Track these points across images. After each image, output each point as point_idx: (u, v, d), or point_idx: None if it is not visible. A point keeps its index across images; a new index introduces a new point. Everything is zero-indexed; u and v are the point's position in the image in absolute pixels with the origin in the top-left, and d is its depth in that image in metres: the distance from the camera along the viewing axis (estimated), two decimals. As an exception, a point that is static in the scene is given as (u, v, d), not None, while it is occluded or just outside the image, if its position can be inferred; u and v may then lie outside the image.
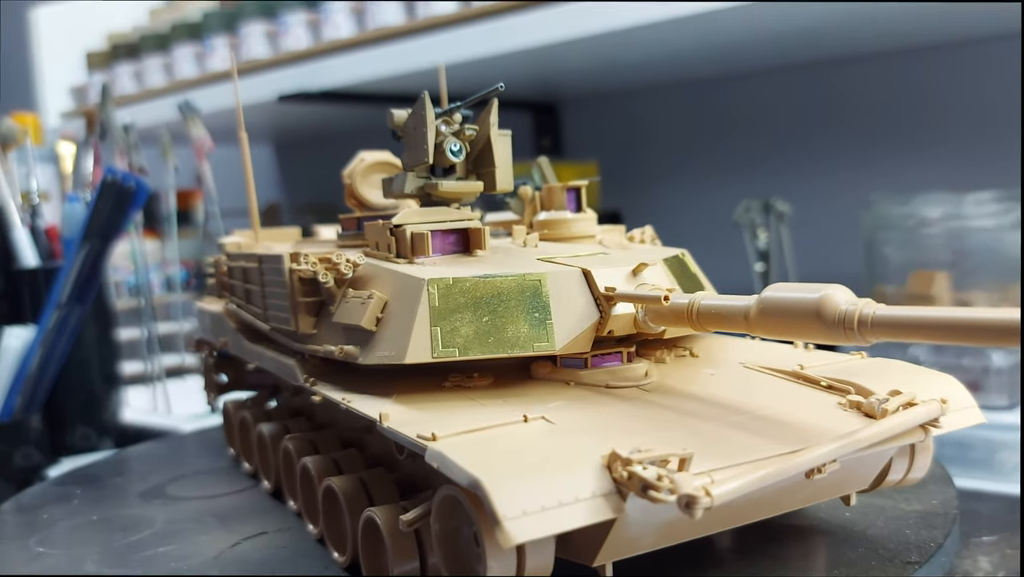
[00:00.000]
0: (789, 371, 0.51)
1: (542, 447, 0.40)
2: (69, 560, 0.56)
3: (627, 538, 0.40)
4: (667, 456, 0.37)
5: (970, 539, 0.66)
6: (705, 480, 0.36)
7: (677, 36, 1.06)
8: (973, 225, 0.96)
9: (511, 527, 0.35)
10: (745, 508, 0.44)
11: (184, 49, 1.55)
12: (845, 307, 0.39)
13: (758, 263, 1.15)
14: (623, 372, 0.50)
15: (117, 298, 1.27)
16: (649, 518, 0.39)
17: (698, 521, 0.37)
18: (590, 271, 0.49)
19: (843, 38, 1.16)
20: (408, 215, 0.54)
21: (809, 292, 0.40)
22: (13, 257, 0.96)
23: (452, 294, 0.48)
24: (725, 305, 0.44)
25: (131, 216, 0.93)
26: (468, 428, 0.42)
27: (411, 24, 1.19)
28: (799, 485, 0.43)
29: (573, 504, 0.36)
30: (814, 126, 1.38)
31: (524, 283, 0.49)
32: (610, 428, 0.43)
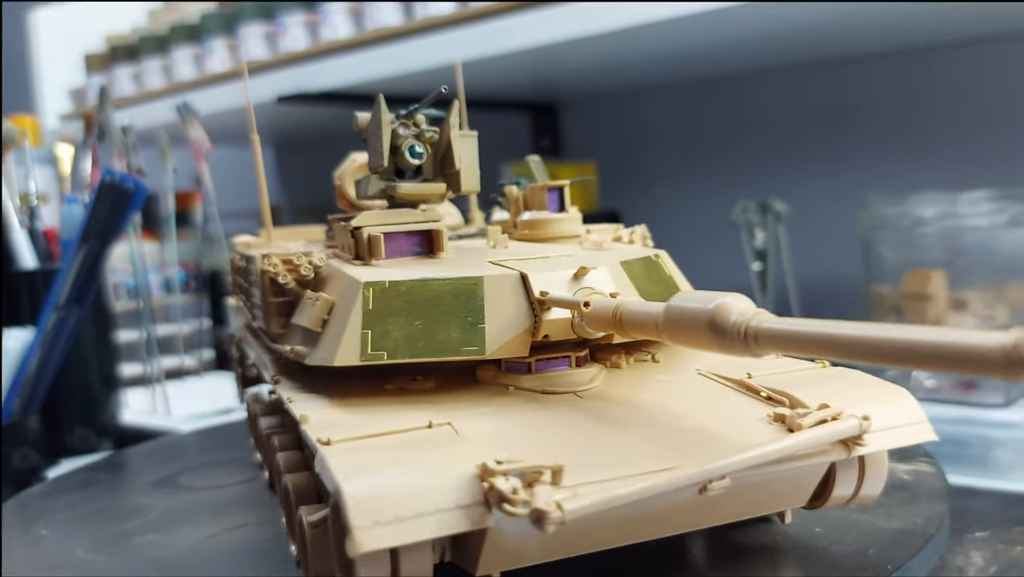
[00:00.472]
0: (736, 380, 0.48)
1: (426, 456, 0.39)
2: (64, 543, 0.58)
3: (509, 549, 0.40)
4: (540, 468, 0.37)
5: (963, 535, 0.66)
6: (566, 494, 0.35)
7: (675, 36, 1.06)
8: (968, 224, 0.96)
9: (359, 536, 0.35)
10: (639, 523, 0.42)
11: (182, 51, 1.56)
12: (735, 319, 0.36)
13: (755, 262, 1.15)
14: (565, 377, 0.49)
15: (116, 300, 1.28)
16: (531, 529, 0.37)
17: (589, 535, 0.39)
18: (527, 275, 0.48)
19: (839, 40, 1.16)
20: (367, 217, 0.54)
21: (706, 302, 0.38)
22: (11, 259, 0.96)
23: (387, 297, 0.48)
24: (641, 312, 0.42)
25: (129, 217, 0.93)
26: (366, 433, 0.42)
27: (409, 25, 1.20)
28: (703, 501, 0.40)
29: (432, 515, 0.36)
30: (811, 127, 1.38)
31: (459, 287, 0.48)
32: (515, 437, 0.42)
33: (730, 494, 0.41)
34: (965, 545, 0.65)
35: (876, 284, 1.04)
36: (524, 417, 0.45)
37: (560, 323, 0.47)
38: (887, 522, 0.51)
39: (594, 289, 0.48)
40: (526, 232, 0.61)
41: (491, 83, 1.36)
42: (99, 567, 0.54)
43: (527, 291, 0.48)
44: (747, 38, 1.11)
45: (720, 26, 1.01)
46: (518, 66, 1.20)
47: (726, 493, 0.40)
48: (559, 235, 0.60)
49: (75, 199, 1.01)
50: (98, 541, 0.58)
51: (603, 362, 0.52)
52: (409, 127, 0.56)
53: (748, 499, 0.45)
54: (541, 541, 0.40)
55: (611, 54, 1.16)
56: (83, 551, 0.57)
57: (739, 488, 0.41)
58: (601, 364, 0.52)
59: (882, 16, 0.99)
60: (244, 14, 1.42)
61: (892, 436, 0.44)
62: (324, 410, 0.47)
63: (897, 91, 1.29)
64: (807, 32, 1.09)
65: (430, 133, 0.56)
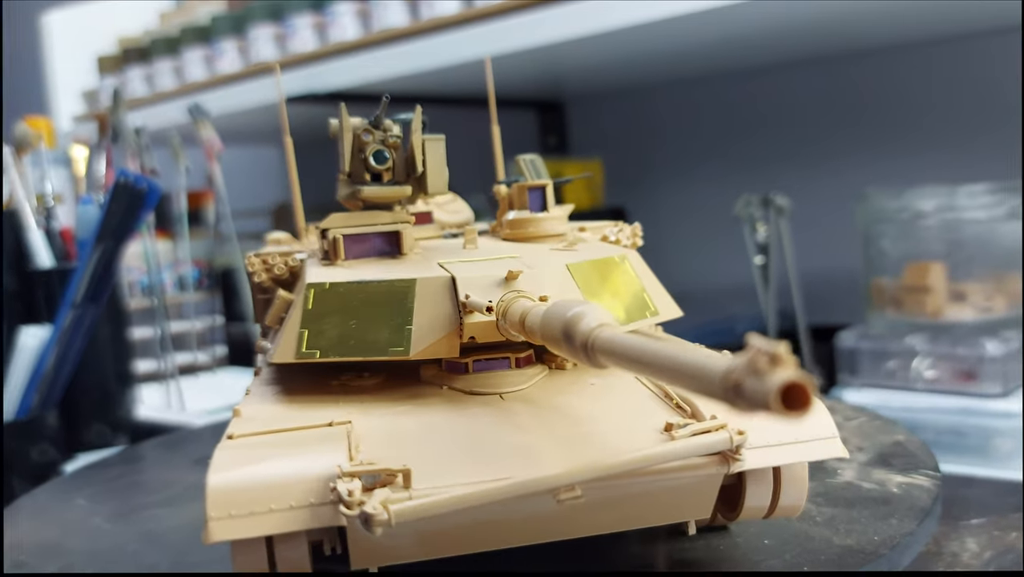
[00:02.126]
0: (657, 384, 0.47)
1: (302, 454, 0.41)
2: (89, 512, 0.62)
3: (376, 546, 0.41)
4: (390, 471, 0.38)
5: (959, 522, 0.68)
6: (404, 498, 0.37)
7: (679, 34, 1.07)
8: (967, 217, 0.97)
9: (211, 526, 0.38)
10: (507, 528, 0.42)
11: (193, 52, 1.58)
12: (583, 328, 0.35)
13: (758, 256, 1.17)
14: (499, 378, 0.49)
15: (130, 298, 1.30)
16: (401, 528, 0.38)
17: (456, 537, 0.41)
18: (456, 277, 0.48)
19: (840, 36, 1.17)
20: (334, 219, 0.55)
21: (566, 309, 0.37)
22: (29, 258, 0.98)
23: (326, 298, 0.49)
24: (533, 317, 0.42)
25: (143, 217, 0.95)
26: (269, 429, 0.43)
27: (416, 25, 1.21)
28: (573, 510, 0.40)
29: (285, 512, 0.38)
30: (812, 123, 1.39)
31: (393, 289, 0.49)
32: (404, 438, 0.43)
33: (605, 504, 0.41)
34: (960, 531, 0.66)
35: (877, 277, 1.05)
36: (431, 418, 0.45)
37: (485, 325, 0.47)
38: (842, 539, 0.48)
39: (521, 292, 0.47)
40: (508, 232, 0.61)
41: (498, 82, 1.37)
42: (103, 534, 0.57)
43: (457, 294, 0.48)
44: (750, 36, 1.12)
45: (723, 24, 1.03)
46: (524, 65, 1.21)
47: (601, 503, 0.41)
48: (541, 234, 0.60)
49: (90, 199, 1.03)
50: (116, 512, 0.62)
51: (550, 363, 0.52)
52: (374, 133, 0.56)
53: (629, 510, 0.43)
54: (406, 540, 0.41)
55: (616, 52, 1.18)
56: (100, 519, 0.61)
57: (612, 499, 0.41)
58: (547, 365, 0.51)
59: (882, 12, 1.00)
60: (253, 16, 1.44)
61: (787, 451, 0.42)
62: (264, 405, 0.49)
63: (897, 86, 1.30)
64: (809, 29, 1.10)
65: (394, 138, 0.56)
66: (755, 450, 0.42)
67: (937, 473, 0.56)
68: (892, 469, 0.57)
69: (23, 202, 0.98)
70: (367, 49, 1.27)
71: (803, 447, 0.42)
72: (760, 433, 0.42)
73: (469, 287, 0.48)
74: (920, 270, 0.98)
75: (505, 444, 0.42)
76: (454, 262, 0.51)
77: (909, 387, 0.96)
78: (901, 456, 0.60)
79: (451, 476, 0.39)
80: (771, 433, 0.42)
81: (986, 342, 0.91)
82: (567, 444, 0.42)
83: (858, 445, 0.62)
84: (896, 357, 0.97)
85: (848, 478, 0.57)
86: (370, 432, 0.44)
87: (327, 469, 0.39)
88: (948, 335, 0.95)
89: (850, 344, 1.00)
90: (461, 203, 0.76)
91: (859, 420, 0.69)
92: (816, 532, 0.49)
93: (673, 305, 0.57)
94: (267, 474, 0.39)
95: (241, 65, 1.50)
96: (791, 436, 0.42)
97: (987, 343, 0.91)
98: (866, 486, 0.55)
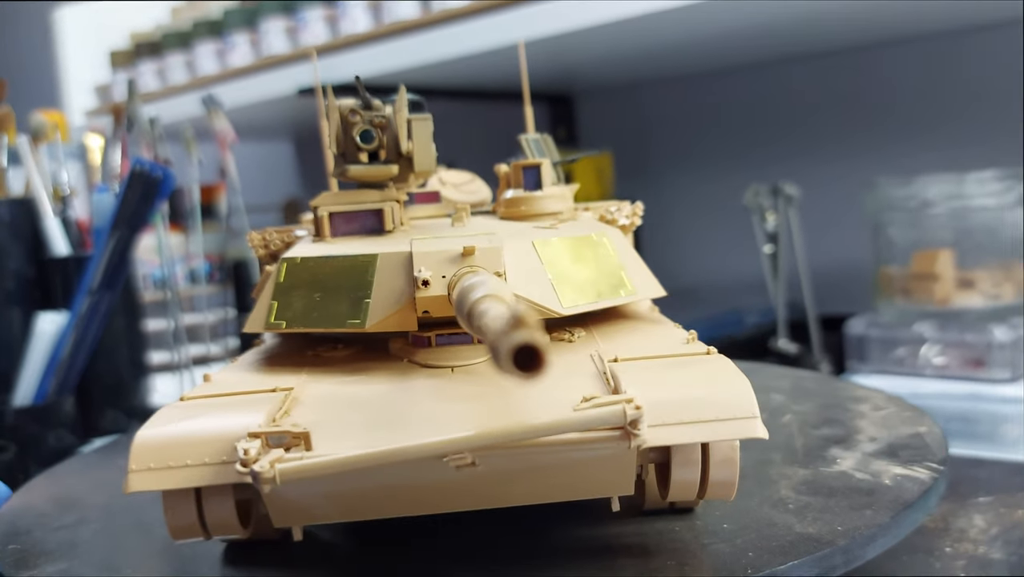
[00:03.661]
0: (610, 360, 0.47)
1: (229, 414, 0.43)
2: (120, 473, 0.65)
3: (292, 506, 0.43)
4: (293, 433, 0.40)
5: (967, 500, 0.68)
6: (295, 459, 0.38)
7: (689, 26, 1.08)
8: (975, 204, 0.98)
9: (130, 478, 0.41)
10: (417, 494, 0.43)
11: (205, 46, 1.59)
12: (471, 298, 0.36)
13: (767, 245, 1.17)
14: (456, 352, 0.50)
15: (144, 290, 1.31)
16: (308, 489, 0.41)
17: (366, 501, 0.42)
18: (413, 252, 0.49)
19: (849, 27, 1.18)
20: (324, 197, 0.57)
21: (470, 283, 0.38)
22: (46, 246, 0.99)
23: (297, 271, 0.52)
24: (455, 292, 0.43)
25: (158, 205, 0.96)
26: (219, 392, 0.46)
27: (426, 17, 1.22)
28: (481, 479, 0.41)
29: (196, 467, 0.40)
30: (821, 112, 1.40)
31: (356, 263, 0.51)
32: (338, 404, 0.45)
33: (509, 474, 0.41)
34: (968, 509, 0.67)
35: (885, 265, 1.05)
36: (373, 388, 0.47)
37: (437, 299, 0.48)
38: (805, 527, 0.46)
39: (473, 268, 0.48)
40: (504, 211, 0.62)
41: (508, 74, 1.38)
42: (117, 491, 0.59)
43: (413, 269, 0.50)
44: (759, 28, 1.13)
45: (733, 15, 1.03)
46: (535, 56, 1.21)
47: (505, 473, 0.41)
48: (536, 213, 0.61)
49: (105, 188, 1.04)
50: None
51: None
52: (361, 114, 0.57)
53: (539, 482, 0.43)
54: (316, 501, 0.43)
55: (626, 44, 1.18)
56: (115, 476, 0.62)
57: (516, 470, 0.41)
58: None
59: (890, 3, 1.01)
60: (265, 9, 1.45)
61: (697, 430, 0.41)
62: (235, 373, 0.51)
63: (905, 75, 1.31)
64: (817, 20, 1.11)
65: (380, 118, 0.57)
66: (663, 427, 0.40)
67: (940, 467, 0.53)
68: (895, 460, 0.56)
69: (40, 191, 0.99)
70: (378, 41, 1.27)
71: (715, 425, 0.41)
72: (670, 409, 0.41)
73: (425, 262, 0.49)
74: (928, 258, 0.99)
75: (426, 413, 0.43)
76: (427, 238, 0.52)
77: (918, 374, 0.96)
78: (911, 448, 0.58)
79: (356, 440, 0.40)
80: (684, 410, 0.41)
81: (994, 329, 0.92)
82: (484, 415, 0.43)
83: (872, 435, 0.61)
84: (905, 344, 0.97)
85: (844, 468, 0.55)
86: (309, 399, 0.46)
87: (245, 429, 0.41)
88: (957, 322, 0.96)
89: (859, 331, 1.01)
90: (479, 183, 0.76)
91: (888, 410, 0.67)
92: (781, 519, 0.47)
93: (655, 285, 0.57)
94: (188, 431, 0.42)
95: (253, 59, 1.51)
96: (708, 414, 0.41)
97: (995, 330, 0.92)
98: (858, 476, 0.53)
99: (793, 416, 0.66)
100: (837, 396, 0.72)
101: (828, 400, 0.70)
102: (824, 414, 0.66)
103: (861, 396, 0.71)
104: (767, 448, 0.59)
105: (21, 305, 0.97)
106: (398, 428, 0.42)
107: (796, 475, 0.54)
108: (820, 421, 0.65)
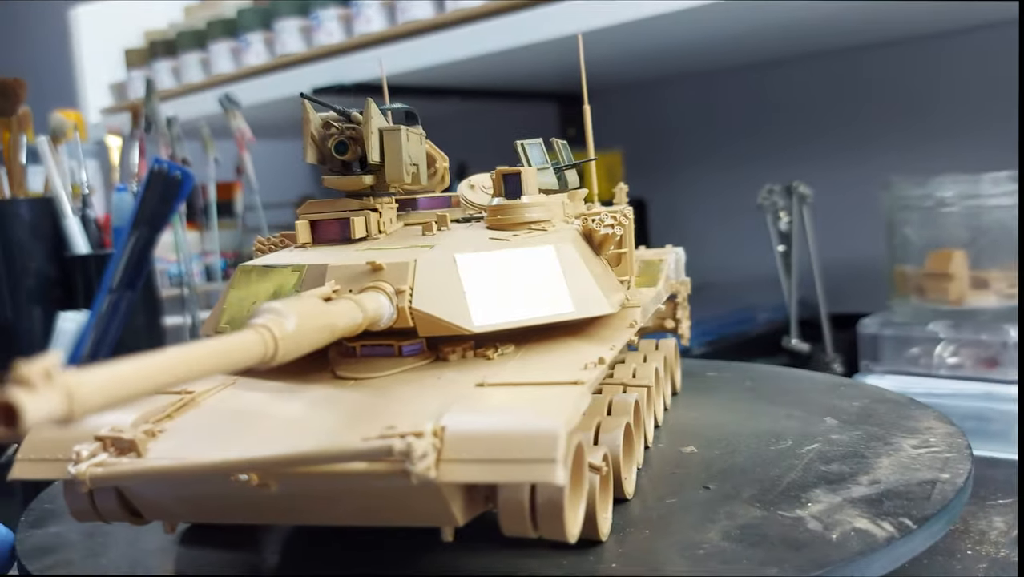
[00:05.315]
0: (476, 384, 0.47)
1: (114, 415, 0.45)
2: None
3: (152, 504, 0.47)
4: (124, 439, 0.43)
5: (986, 501, 0.69)
6: (110, 464, 0.42)
7: (700, 26, 1.08)
8: (990, 204, 0.98)
9: (15, 466, 0.44)
10: (243, 506, 0.45)
11: (220, 45, 1.60)
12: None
13: (780, 245, 1.18)
14: (374, 365, 0.51)
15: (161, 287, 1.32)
16: (149, 491, 0.45)
17: (201, 506, 0.46)
18: (327, 266, 0.52)
19: (863, 25, 1.18)
20: (308, 205, 0.60)
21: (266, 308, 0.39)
22: (66, 245, 1.00)
23: (247, 279, 0.55)
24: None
25: (177, 205, 0.97)
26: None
27: (440, 18, 1.23)
28: (290, 499, 0.43)
29: (61, 462, 0.44)
30: (835, 111, 1.40)
31: (286, 274, 0.53)
32: (218, 414, 0.47)
33: (318, 498, 0.43)
34: (988, 511, 0.67)
35: (900, 264, 1.06)
36: (271, 397, 0.49)
37: None
38: (687, 569, 0.45)
39: (377, 285, 0.49)
40: (489, 219, 0.62)
41: (520, 73, 1.38)
42: None
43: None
44: (771, 25, 1.13)
45: (744, 14, 1.04)
46: (546, 56, 1.23)
47: (301, 495, 0.42)
48: (517, 221, 0.60)
49: (124, 188, 1.05)
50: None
51: (443, 354, 0.53)
52: (336, 125, 0.59)
53: (354, 506, 0.43)
54: (169, 502, 0.46)
55: (637, 44, 1.19)
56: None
57: (319, 494, 0.42)
58: (434, 356, 0.53)
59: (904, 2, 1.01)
60: (280, 9, 1.46)
61: (489, 469, 0.39)
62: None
63: (919, 74, 1.31)
64: (831, 18, 1.11)
65: (352, 130, 0.58)
66: (458, 464, 0.39)
67: (914, 525, 0.48)
68: (871, 510, 0.50)
69: (59, 190, 1.00)
70: (392, 42, 1.28)
71: (510, 466, 0.38)
72: (472, 445, 0.39)
73: (337, 276, 0.51)
74: (943, 257, 0.99)
75: (273, 428, 0.45)
76: (370, 250, 0.54)
77: (932, 373, 0.97)
78: (905, 498, 0.51)
79: (191, 450, 0.43)
80: (484, 447, 0.39)
81: (1009, 328, 0.92)
82: (315, 435, 0.43)
83: (877, 478, 0.55)
84: (919, 344, 0.98)
85: (806, 513, 0.50)
86: (206, 404, 0.49)
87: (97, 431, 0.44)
88: (971, 321, 0.96)
89: (873, 331, 1.01)
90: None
91: (928, 450, 0.60)
92: (675, 567, 0.45)
93: (602, 302, 0.55)
94: (70, 432, 0.44)
95: (268, 58, 1.52)
96: (506, 453, 0.38)
97: (1010, 329, 0.92)
98: (810, 525, 0.48)
99: (819, 445, 0.62)
100: (894, 426, 0.65)
101: (879, 431, 0.65)
102: (855, 447, 0.61)
103: (920, 428, 0.65)
104: (745, 481, 0.55)
105: (42, 304, 0.98)
106: (235, 441, 0.44)
107: (744, 516, 0.50)
108: (841, 455, 0.60)
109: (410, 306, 0.49)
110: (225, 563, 0.50)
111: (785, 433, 0.65)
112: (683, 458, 0.62)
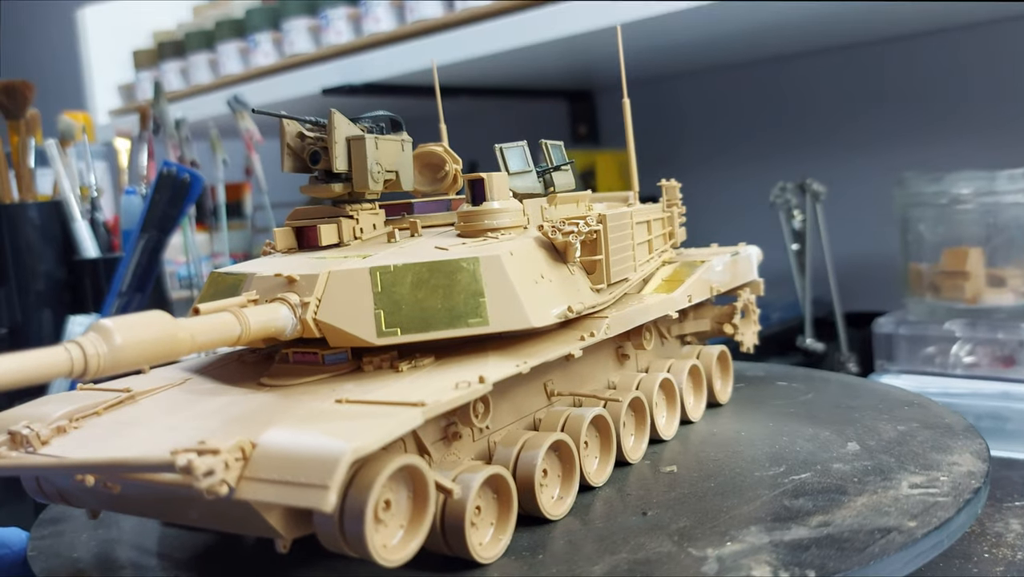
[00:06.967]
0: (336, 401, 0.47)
1: (49, 407, 0.51)
2: None
3: (63, 493, 0.50)
4: (20, 435, 0.47)
5: (1003, 503, 0.68)
6: (16, 456, 0.46)
7: (710, 22, 1.07)
8: (1006, 201, 0.97)
9: None
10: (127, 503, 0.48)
11: (229, 45, 1.59)
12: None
13: (794, 243, 1.17)
14: (298, 371, 0.53)
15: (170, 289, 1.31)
16: (53, 480, 0.50)
17: (102, 499, 0.48)
18: (252, 276, 0.54)
19: (877, 20, 1.17)
20: (295, 213, 0.63)
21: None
22: (75, 249, 1.00)
23: (214, 284, 0.58)
24: None
25: (187, 208, 0.97)
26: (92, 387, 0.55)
27: (449, 17, 1.22)
28: (142, 496, 0.46)
29: None
30: (848, 108, 1.39)
31: (237, 281, 0.55)
32: (136, 411, 0.51)
33: (152, 500, 0.46)
34: (1004, 513, 0.66)
35: (914, 262, 1.05)
36: (190, 397, 0.52)
37: None
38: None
39: (283, 298, 0.52)
40: (459, 224, 0.61)
41: (529, 71, 1.38)
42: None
43: None
44: (782, 22, 1.12)
45: (756, 10, 1.03)
46: (555, 54, 1.22)
47: (145, 497, 0.46)
48: (484, 228, 0.60)
49: (134, 191, 1.04)
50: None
51: (368, 363, 0.53)
52: (308, 137, 0.61)
53: (199, 511, 0.45)
54: (75, 493, 0.49)
55: (647, 41, 1.18)
56: None
57: (159, 497, 0.45)
58: (356, 365, 0.54)
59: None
60: (288, 9, 1.46)
61: (270, 490, 0.39)
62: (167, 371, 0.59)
63: (934, 70, 1.30)
64: (843, 13, 1.10)
65: (321, 141, 0.61)
66: (250, 481, 0.40)
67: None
68: (785, 558, 0.46)
69: (68, 193, 1.00)
70: (401, 41, 1.28)
71: (288, 489, 0.39)
72: (268, 464, 0.40)
73: (258, 286, 0.53)
74: (958, 255, 0.98)
75: (156, 430, 0.47)
76: (324, 258, 0.57)
77: (948, 372, 0.96)
78: (840, 547, 0.48)
79: (85, 446, 0.46)
80: (275, 467, 0.40)
81: (1026, 327, 0.91)
82: (184, 437, 0.44)
83: (829, 521, 0.51)
84: (934, 343, 0.97)
85: (719, 554, 0.48)
86: (141, 402, 0.52)
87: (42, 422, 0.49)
88: (987, 320, 0.95)
89: (888, 330, 1.00)
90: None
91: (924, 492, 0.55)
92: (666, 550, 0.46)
93: (525, 315, 0.54)
94: (6, 417, 0.49)
95: (276, 58, 1.51)
96: (290, 475, 0.39)
97: (1027, 328, 0.91)
98: (705, 569, 0.46)
99: (810, 475, 0.58)
100: (915, 459, 0.61)
101: (893, 463, 0.60)
102: (846, 480, 0.57)
103: (942, 464, 0.60)
104: (689, 510, 0.54)
105: (52, 307, 0.97)
106: (112, 441, 0.46)
107: (650, 549, 0.48)
108: (822, 488, 0.56)
109: (315, 318, 0.51)
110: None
111: (788, 458, 0.62)
112: (654, 479, 0.60)
